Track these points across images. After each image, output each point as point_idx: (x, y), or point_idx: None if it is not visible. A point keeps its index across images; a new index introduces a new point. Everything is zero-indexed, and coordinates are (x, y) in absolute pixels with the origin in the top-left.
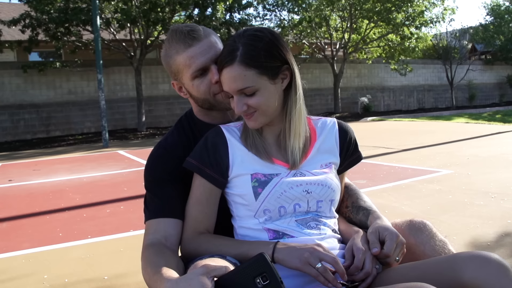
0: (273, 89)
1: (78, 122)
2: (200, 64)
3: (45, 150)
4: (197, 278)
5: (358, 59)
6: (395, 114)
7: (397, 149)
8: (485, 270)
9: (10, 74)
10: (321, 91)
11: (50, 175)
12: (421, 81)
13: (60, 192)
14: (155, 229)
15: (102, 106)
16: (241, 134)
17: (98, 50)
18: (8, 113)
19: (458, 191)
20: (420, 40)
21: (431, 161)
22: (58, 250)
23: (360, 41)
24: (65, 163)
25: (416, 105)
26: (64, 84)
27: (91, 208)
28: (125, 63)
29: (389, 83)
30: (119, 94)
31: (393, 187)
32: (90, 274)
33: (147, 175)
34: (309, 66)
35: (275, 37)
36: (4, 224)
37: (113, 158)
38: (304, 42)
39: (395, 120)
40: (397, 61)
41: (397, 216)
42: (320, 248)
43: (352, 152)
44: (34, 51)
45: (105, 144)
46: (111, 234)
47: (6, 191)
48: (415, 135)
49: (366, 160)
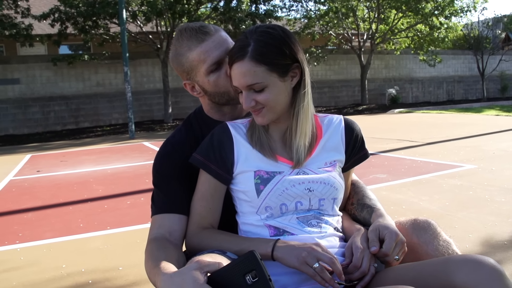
0: (282, 86)
1: (106, 113)
2: (215, 58)
3: (74, 141)
4: (190, 273)
5: (386, 50)
6: (424, 106)
7: (421, 143)
8: (478, 274)
9: (41, 67)
10: (348, 82)
11: (76, 166)
12: (451, 72)
13: (84, 183)
14: (160, 224)
15: (129, 98)
16: (248, 129)
17: (124, 43)
18: (39, 105)
19: (480, 187)
20: (450, 30)
21: (455, 155)
22: (77, 241)
23: (388, 31)
24: (92, 154)
25: (446, 96)
26: (92, 76)
27: (112, 200)
28: (152, 55)
29: (418, 74)
30: (146, 86)
31: (413, 182)
32: (106, 264)
33: (155, 171)
34: (336, 57)
35: (287, 35)
36: (30, 214)
37: (138, 150)
38: (330, 33)
39: (422, 112)
40: (426, 52)
41: (414, 212)
42: (318, 247)
43: (359, 149)
44: (64, 44)
45: (131, 136)
46: (129, 226)
47: (34, 181)
48: (441, 128)
49: (389, 153)
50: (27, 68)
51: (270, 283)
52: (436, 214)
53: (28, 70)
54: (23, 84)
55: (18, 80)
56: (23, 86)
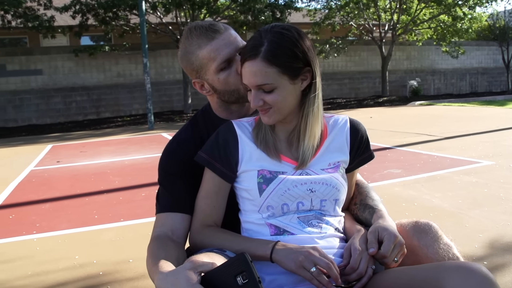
0: (291, 89)
1: (126, 104)
2: (225, 56)
3: (94, 132)
4: (184, 273)
5: (407, 41)
6: (445, 98)
7: (440, 137)
8: (468, 282)
9: (63, 58)
10: (368, 74)
11: (95, 157)
12: (475, 63)
13: (102, 175)
14: (163, 223)
15: (148, 89)
16: (254, 128)
17: (143, 35)
18: (61, 96)
19: (495, 184)
20: (474, 20)
21: (473, 150)
22: (91, 232)
23: (410, 22)
24: (111, 145)
25: (469, 89)
26: (113, 67)
27: (127, 192)
28: (171, 46)
29: (440, 66)
30: (166, 76)
31: (427, 178)
32: (117, 256)
33: (160, 169)
34: (357, 48)
35: (301, 37)
36: (48, 205)
37: (156, 141)
38: (351, 24)
39: (444, 105)
40: (449, 43)
41: (426, 209)
42: (316, 252)
43: (363, 151)
44: (85, 35)
45: (151, 126)
46: (142, 218)
47: (53, 172)
48: (462, 121)
49: (406, 148)
50: (50, 59)
51: (259, 285)
52: (447, 212)
53: (51, 61)
54: (45, 75)
55: (41, 71)
56: (45, 77)
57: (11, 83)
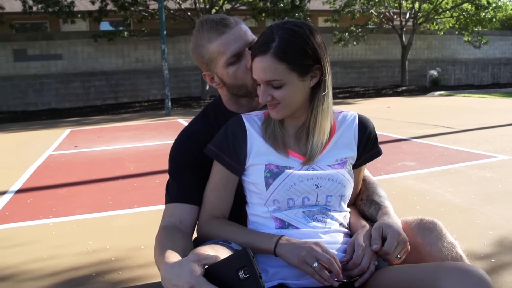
0: (300, 85)
1: (144, 89)
2: (234, 50)
3: (112, 117)
4: (188, 265)
5: (429, 30)
6: (466, 89)
7: (457, 129)
8: (464, 284)
9: (83, 43)
10: (388, 62)
11: (112, 143)
12: (497, 54)
13: (118, 160)
14: (172, 213)
15: (166, 75)
16: (263, 122)
17: (162, 21)
18: (80, 80)
19: (510, 180)
20: (499, 9)
21: (490, 144)
22: (105, 218)
23: (432, 11)
24: (128, 130)
25: (490, 79)
26: (132, 52)
27: (142, 178)
28: (190, 32)
29: (462, 56)
30: (184, 62)
31: (441, 171)
32: (129, 242)
33: (170, 161)
34: (377, 36)
35: (313, 34)
36: (64, 190)
37: (173, 127)
38: (371, 12)
39: (463, 96)
40: (471, 33)
41: (437, 203)
42: (318, 247)
43: (371, 147)
44: (104, 21)
45: (168, 112)
46: (155, 205)
47: (71, 157)
48: (481, 113)
49: (421, 139)
50: (69, 44)
51: (260, 281)
52: (459, 207)
53: (70, 46)
54: (65, 60)
55: (61, 56)
56: (65, 62)
57: (32, 67)
